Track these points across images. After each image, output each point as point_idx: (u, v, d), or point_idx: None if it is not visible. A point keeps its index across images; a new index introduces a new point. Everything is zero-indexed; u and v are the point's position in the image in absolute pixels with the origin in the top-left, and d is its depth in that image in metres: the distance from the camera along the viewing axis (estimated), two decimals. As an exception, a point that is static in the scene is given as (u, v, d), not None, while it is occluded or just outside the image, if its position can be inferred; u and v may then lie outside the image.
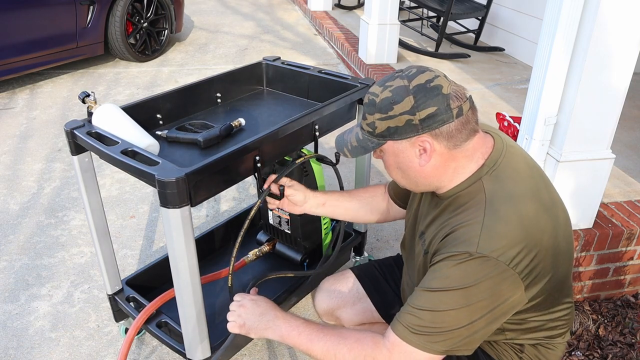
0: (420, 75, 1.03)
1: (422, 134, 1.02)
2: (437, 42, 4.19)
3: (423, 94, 1.00)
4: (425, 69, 1.04)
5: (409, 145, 1.05)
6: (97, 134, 1.39)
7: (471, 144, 1.05)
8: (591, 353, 1.81)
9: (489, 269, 0.97)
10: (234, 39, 5.46)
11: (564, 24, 1.62)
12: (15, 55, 3.80)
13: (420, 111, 1.00)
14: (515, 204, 1.02)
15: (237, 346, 1.65)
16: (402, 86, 1.02)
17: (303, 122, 1.51)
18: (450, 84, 1.03)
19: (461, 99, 1.02)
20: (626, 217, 1.98)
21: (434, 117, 1.00)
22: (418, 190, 1.16)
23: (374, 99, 1.06)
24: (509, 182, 1.05)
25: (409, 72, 1.04)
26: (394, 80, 1.04)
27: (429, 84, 1.01)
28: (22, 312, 1.97)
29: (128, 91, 4.06)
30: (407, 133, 1.03)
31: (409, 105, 1.01)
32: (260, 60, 1.96)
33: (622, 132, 2.75)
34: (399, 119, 1.02)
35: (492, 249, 0.97)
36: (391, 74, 1.08)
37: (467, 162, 1.06)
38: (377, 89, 1.06)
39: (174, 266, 1.29)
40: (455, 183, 1.08)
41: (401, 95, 1.01)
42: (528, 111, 1.82)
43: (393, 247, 2.34)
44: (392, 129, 1.04)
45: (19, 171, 2.93)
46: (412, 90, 1.01)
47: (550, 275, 1.05)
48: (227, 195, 2.74)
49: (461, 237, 1.00)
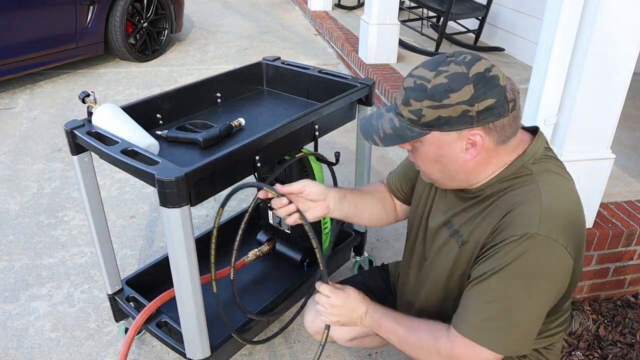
0: (478, 62, 0.95)
1: (475, 127, 0.95)
2: (437, 42, 4.19)
3: (483, 84, 0.93)
4: (480, 56, 0.97)
5: (457, 138, 0.97)
6: (97, 133, 1.39)
7: (516, 139, 1.02)
8: (591, 353, 1.81)
9: (549, 252, 0.93)
10: (234, 38, 5.46)
11: (564, 24, 1.62)
12: (16, 55, 3.80)
13: (480, 102, 0.93)
14: (566, 185, 1.00)
15: (237, 345, 1.65)
16: (460, 73, 0.94)
17: (303, 122, 1.51)
18: (504, 75, 0.97)
19: (515, 92, 0.97)
20: (626, 217, 1.98)
21: (492, 109, 0.94)
22: (449, 186, 1.09)
23: (423, 84, 0.96)
24: (553, 166, 1.02)
25: (464, 57, 0.96)
26: (448, 65, 0.95)
27: (488, 73, 0.94)
28: (22, 312, 1.97)
29: (128, 91, 4.06)
30: (460, 125, 0.95)
31: (468, 95, 0.93)
32: (260, 60, 1.96)
33: (622, 132, 2.75)
34: (454, 108, 0.93)
35: (552, 229, 0.94)
36: (440, 57, 0.98)
37: (507, 157, 1.03)
38: (428, 72, 0.96)
39: (174, 266, 1.29)
40: (491, 176, 1.04)
41: (460, 83, 0.93)
42: (528, 111, 1.82)
43: (393, 247, 2.34)
44: (443, 119, 0.95)
45: (19, 171, 2.93)
46: (472, 79, 0.93)
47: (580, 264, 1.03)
48: (227, 195, 2.74)
49: (519, 217, 0.96)
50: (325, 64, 4.68)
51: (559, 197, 0.97)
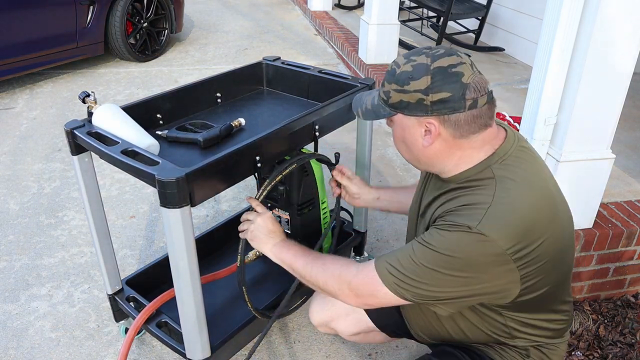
0: (445, 57, 1.02)
1: (430, 116, 1.03)
2: (437, 42, 4.19)
3: (441, 77, 1.00)
4: (454, 53, 1.03)
5: (416, 123, 1.05)
6: (97, 134, 1.39)
7: (480, 137, 1.05)
8: (591, 353, 1.81)
9: (483, 248, 0.97)
10: (234, 38, 5.46)
11: (564, 24, 1.62)
12: (16, 55, 3.80)
13: (434, 93, 1.00)
14: (524, 192, 1.02)
15: (237, 345, 1.65)
16: (423, 64, 1.02)
17: (303, 122, 1.51)
18: (473, 74, 1.01)
19: (479, 92, 1.01)
20: (626, 217, 1.98)
21: (446, 102, 1.00)
22: (420, 167, 1.17)
23: (395, 68, 1.06)
24: (519, 171, 1.04)
25: (437, 51, 1.03)
26: (419, 56, 1.04)
27: (451, 69, 1.00)
28: (22, 312, 1.97)
29: (128, 91, 4.06)
30: (417, 111, 1.03)
31: (424, 85, 1.01)
32: (260, 60, 1.96)
33: (622, 132, 2.75)
34: (412, 95, 1.02)
35: (492, 230, 0.97)
36: (421, 48, 1.07)
37: (475, 152, 1.06)
38: (402, 60, 1.06)
39: (174, 266, 1.29)
40: (461, 169, 1.08)
41: (420, 72, 1.01)
42: (528, 111, 1.82)
43: (393, 247, 2.34)
44: (404, 103, 1.04)
45: (19, 171, 2.93)
46: (432, 71, 1.00)
47: (552, 270, 1.05)
48: (227, 195, 2.74)
49: (465, 212, 1.01)
50: (325, 64, 4.68)
51: (511, 204, 1.00)
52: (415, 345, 1.83)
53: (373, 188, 1.59)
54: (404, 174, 2.93)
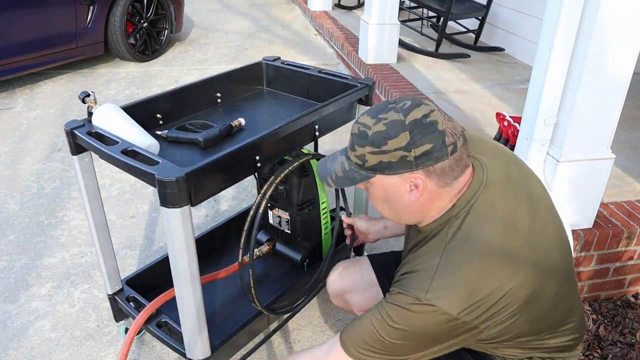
0: (416, 109, 0.99)
1: (415, 171, 1.00)
2: (437, 42, 4.19)
3: (419, 130, 0.97)
4: (420, 102, 1.01)
5: (400, 181, 1.02)
6: (97, 133, 1.39)
7: (460, 181, 1.04)
8: (591, 353, 1.81)
9: (435, 317, 0.96)
10: (234, 38, 5.47)
11: (564, 24, 1.62)
12: (15, 55, 3.80)
13: (416, 148, 0.97)
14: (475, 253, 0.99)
15: (237, 346, 1.65)
16: (397, 120, 0.98)
17: (303, 122, 1.51)
18: (444, 119, 1.00)
19: (455, 136, 0.99)
20: (626, 217, 1.98)
21: (430, 154, 0.98)
22: (400, 222, 1.14)
23: (365, 130, 1.01)
24: (476, 227, 1.02)
25: (403, 104, 1.01)
26: (387, 113, 1.00)
27: (425, 119, 0.98)
28: (22, 312, 1.97)
29: (128, 91, 4.06)
30: (400, 169, 1.00)
31: (405, 142, 0.97)
32: (260, 60, 1.96)
33: (622, 132, 2.75)
34: (393, 154, 0.99)
35: (440, 296, 0.96)
36: (383, 104, 1.04)
37: (448, 201, 1.05)
38: (369, 120, 1.02)
39: (174, 266, 1.29)
40: (432, 219, 1.07)
41: (396, 130, 0.98)
42: (528, 111, 1.82)
43: (393, 247, 2.34)
44: (384, 164, 1.01)
45: (19, 171, 2.93)
46: (409, 126, 0.98)
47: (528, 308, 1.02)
48: (227, 195, 2.74)
49: (415, 279, 1.01)
50: (325, 64, 4.69)
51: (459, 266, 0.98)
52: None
53: (379, 219, 1.57)
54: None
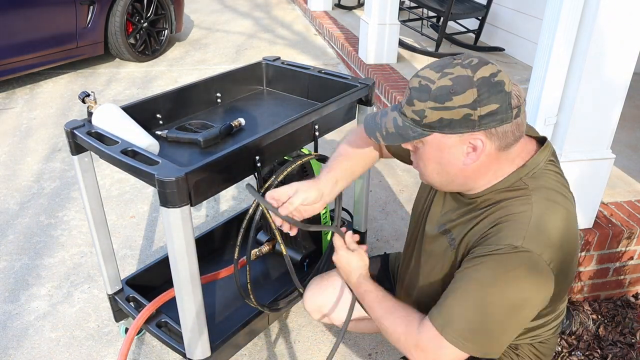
0: (484, 67, 0.95)
1: (477, 132, 0.95)
2: (437, 42, 4.19)
3: (487, 89, 0.93)
4: (488, 61, 0.97)
5: (458, 141, 0.97)
6: (97, 133, 1.39)
7: (518, 147, 1.02)
8: (591, 353, 1.81)
9: (531, 267, 0.94)
10: (234, 38, 5.47)
11: (564, 24, 1.62)
12: (16, 55, 3.80)
13: (482, 107, 0.93)
14: (560, 203, 1.00)
15: (237, 346, 1.65)
16: (465, 76, 0.93)
17: (303, 122, 1.51)
18: (510, 82, 0.96)
19: (520, 99, 0.97)
20: (626, 217, 1.98)
21: (495, 115, 0.94)
22: (446, 189, 1.10)
23: (428, 84, 0.95)
24: (551, 182, 1.02)
25: (470, 61, 0.96)
26: (453, 68, 0.95)
27: (493, 78, 0.94)
28: (22, 312, 1.97)
29: (128, 91, 4.06)
30: (462, 128, 0.95)
31: (471, 99, 0.93)
32: (260, 60, 1.96)
33: (622, 132, 2.75)
34: (457, 111, 0.93)
35: (536, 245, 0.94)
36: (447, 59, 0.98)
37: (507, 165, 1.02)
38: (433, 74, 0.96)
39: (174, 266, 1.29)
40: (491, 184, 1.04)
41: (463, 86, 0.93)
42: (528, 111, 1.82)
43: (393, 247, 2.34)
44: (445, 121, 0.95)
45: (19, 171, 2.93)
46: (477, 83, 0.93)
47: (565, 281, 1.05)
48: (227, 195, 2.74)
49: (506, 230, 0.97)
50: (325, 64, 4.69)
51: (550, 215, 0.98)
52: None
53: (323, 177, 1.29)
54: (404, 174, 2.93)
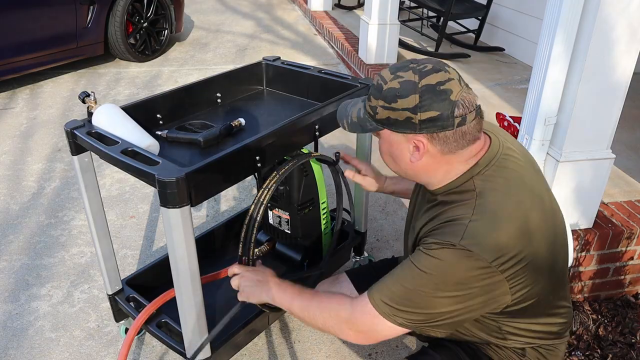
0: (433, 74, 1.00)
1: (418, 134, 1.02)
2: (437, 42, 4.19)
3: (429, 96, 0.98)
4: (441, 68, 1.01)
5: (404, 140, 1.05)
6: (97, 133, 1.39)
7: (467, 151, 1.05)
8: (591, 353, 1.81)
9: (469, 263, 0.97)
10: (234, 38, 5.47)
11: (564, 24, 1.62)
12: (16, 55, 3.80)
13: (422, 112, 0.99)
14: (505, 203, 1.01)
15: (237, 346, 1.65)
16: (411, 81, 1.00)
17: (303, 122, 1.51)
18: (461, 90, 1.00)
19: (467, 108, 1.00)
20: (626, 217, 1.98)
21: (435, 121, 0.99)
22: (407, 179, 1.18)
23: (381, 84, 1.04)
24: (500, 181, 1.04)
25: (424, 67, 1.01)
26: (406, 72, 1.02)
27: (439, 86, 0.99)
28: (22, 312, 1.97)
29: (128, 91, 4.06)
30: (405, 128, 1.03)
31: (413, 103, 0.99)
32: (260, 60, 1.96)
33: (622, 132, 2.75)
34: (400, 113, 1.01)
35: (475, 243, 0.97)
36: (407, 62, 1.05)
37: (460, 165, 1.07)
38: (388, 75, 1.04)
39: (174, 266, 1.29)
40: (446, 182, 1.09)
41: (408, 90, 1.00)
42: (528, 111, 1.82)
43: (393, 247, 2.34)
44: (391, 120, 1.04)
45: (19, 171, 2.93)
46: (420, 89, 0.99)
47: (542, 278, 1.05)
48: (227, 195, 2.74)
49: (447, 229, 1.01)
50: (325, 64, 4.69)
51: (492, 216, 1.00)
52: (415, 347, 1.83)
53: (389, 182, 1.59)
54: (404, 174, 2.93)
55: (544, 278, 1.05)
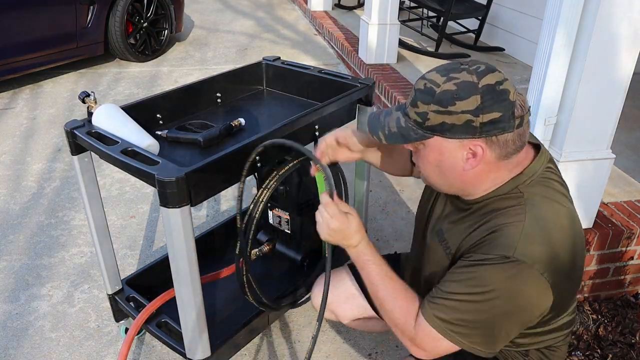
0: (490, 74, 0.95)
1: (477, 138, 0.96)
2: (437, 42, 4.19)
3: (491, 96, 0.93)
4: (494, 68, 0.97)
5: (458, 146, 0.98)
6: (97, 133, 1.39)
7: (518, 157, 1.02)
8: (591, 353, 1.81)
9: (523, 277, 0.95)
10: (234, 38, 5.47)
11: (564, 23, 1.62)
12: (16, 55, 3.80)
13: (485, 114, 0.93)
14: (555, 213, 1.00)
15: (237, 345, 1.65)
16: (469, 82, 0.94)
17: (303, 122, 1.51)
18: (515, 91, 0.97)
19: (524, 109, 0.97)
20: (626, 217, 1.98)
21: (497, 123, 0.94)
22: (446, 191, 1.11)
23: (433, 87, 0.96)
24: (546, 190, 1.02)
25: (477, 67, 0.96)
26: (460, 73, 0.96)
27: (499, 86, 0.94)
28: (22, 312, 1.97)
29: (128, 91, 4.06)
30: (463, 133, 0.96)
31: (474, 105, 0.93)
32: (260, 60, 1.96)
33: (622, 132, 2.75)
34: (459, 116, 0.94)
35: (529, 254, 0.94)
36: (454, 63, 0.99)
37: (506, 173, 1.03)
38: (439, 77, 0.97)
39: (174, 266, 1.29)
40: (489, 191, 1.04)
41: (468, 92, 0.93)
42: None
43: (393, 247, 2.34)
44: (447, 125, 0.96)
45: (19, 171, 2.93)
46: (481, 90, 0.93)
47: (569, 287, 1.05)
48: (227, 195, 2.74)
49: (499, 239, 0.97)
50: (325, 64, 4.69)
51: (544, 224, 0.98)
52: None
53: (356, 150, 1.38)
54: (404, 174, 2.93)
55: (570, 286, 1.05)
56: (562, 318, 1.14)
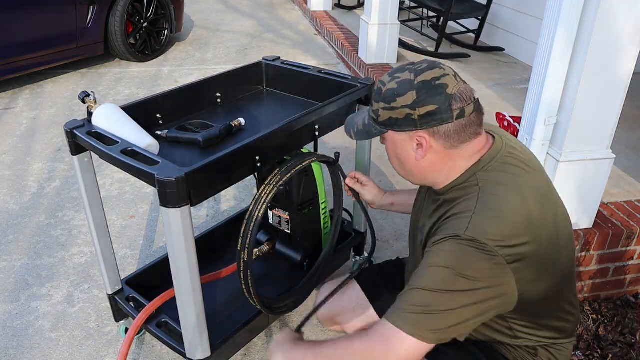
0: (428, 71, 1.04)
1: (419, 130, 1.05)
2: (437, 42, 4.19)
3: (426, 91, 1.02)
4: (436, 66, 1.05)
5: (407, 138, 1.08)
6: (97, 133, 1.39)
7: (471, 146, 1.07)
8: (591, 353, 1.81)
9: (476, 252, 0.96)
10: (234, 38, 5.47)
11: (564, 24, 1.62)
12: (16, 55, 3.80)
13: (420, 107, 1.02)
14: (509, 194, 1.02)
15: (237, 345, 1.65)
16: (408, 80, 1.04)
17: (303, 122, 1.51)
18: (457, 84, 1.03)
19: (465, 101, 1.03)
20: (626, 217, 1.98)
21: (433, 115, 1.02)
22: (414, 181, 1.18)
23: (381, 87, 1.09)
24: (504, 176, 1.05)
25: (419, 66, 1.06)
26: (402, 72, 1.06)
27: (435, 81, 1.02)
28: (22, 312, 1.97)
29: (128, 91, 4.06)
30: (406, 126, 1.06)
31: (411, 100, 1.03)
32: (260, 60, 1.96)
33: (622, 132, 2.75)
34: (400, 111, 1.05)
35: (480, 232, 0.97)
36: (403, 65, 1.09)
37: (463, 162, 1.08)
38: (387, 78, 1.09)
39: (174, 266, 1.29)
40: (450, 180, 1.10)
41: (405, 88, 1.04)
42: (528, 111, 1.82)
43: (393, 247, 2.34)
44: (393, 120, 1.07)
45: (19, 171, 2.93)
46: (417, 86, 1.03)
47: (547, 273, 1.05)
48: (227, 195, 2.74)
49: (452, 223, 1.02)
50: (325, 64, 4.69)
51: (495, 208, 1.00)
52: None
53: (387, 194, 1.61)
54: (404, 174, 2.93)
55: (548, 274, 1.05)
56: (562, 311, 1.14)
